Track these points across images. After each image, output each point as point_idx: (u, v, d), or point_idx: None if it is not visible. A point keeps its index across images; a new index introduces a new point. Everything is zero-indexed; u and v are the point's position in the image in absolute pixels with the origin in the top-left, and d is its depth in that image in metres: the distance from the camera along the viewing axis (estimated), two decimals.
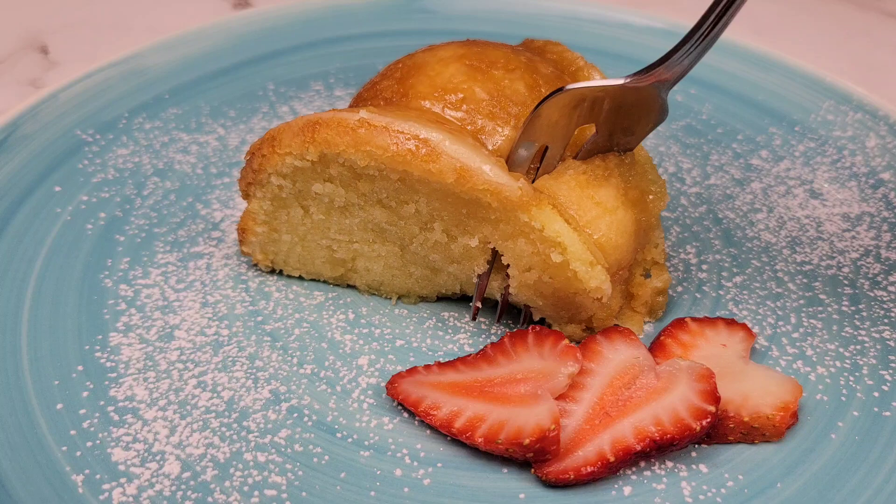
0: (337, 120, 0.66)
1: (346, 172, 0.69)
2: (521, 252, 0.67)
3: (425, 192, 0.67)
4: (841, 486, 0.62)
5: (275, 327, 0.74)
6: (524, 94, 0.72)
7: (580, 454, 0.60)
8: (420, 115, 0.68)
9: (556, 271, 0.66)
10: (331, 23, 1.14)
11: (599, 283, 0.65)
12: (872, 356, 0.73)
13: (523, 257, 0.67)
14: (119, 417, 0.65)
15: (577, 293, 0.67)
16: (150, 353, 0.70)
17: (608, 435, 0.61)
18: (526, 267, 0.68)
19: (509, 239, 0.67)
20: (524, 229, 0.66)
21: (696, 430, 0.60)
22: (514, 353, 0.65)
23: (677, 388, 0.62)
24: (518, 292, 0.70)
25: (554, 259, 0.65)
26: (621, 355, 0.65)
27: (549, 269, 0.67)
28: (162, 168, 0.91)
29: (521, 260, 0.68)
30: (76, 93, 0.95)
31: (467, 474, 0.63)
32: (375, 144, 0.65)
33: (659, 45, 1.12)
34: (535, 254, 0.66)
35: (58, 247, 0.79)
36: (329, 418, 0.66)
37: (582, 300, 0.67)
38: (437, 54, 0.76)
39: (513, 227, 0.66)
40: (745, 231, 0.87)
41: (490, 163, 0.64)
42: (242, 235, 0.76)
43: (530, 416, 0.60)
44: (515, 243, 0.67)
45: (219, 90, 1.02)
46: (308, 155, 0.67)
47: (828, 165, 0.96)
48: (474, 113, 0.70)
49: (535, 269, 0.68)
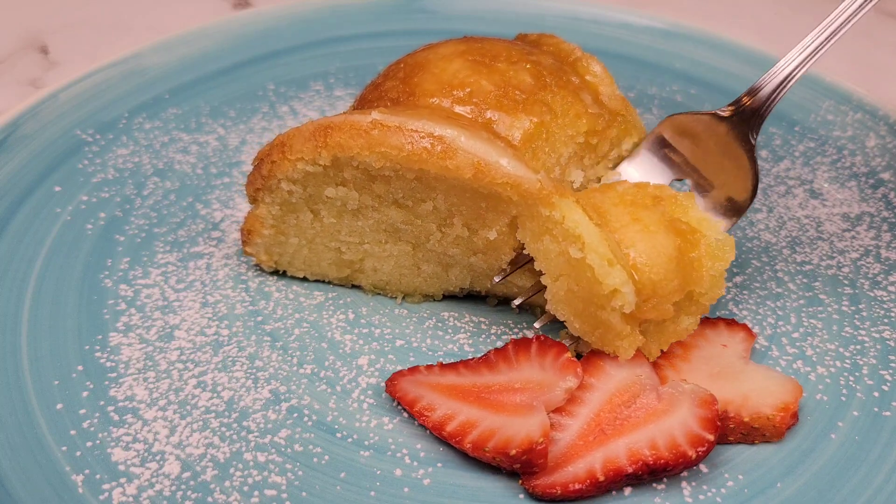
0: (349, 123, 0.65)
1: (361, 175, 0.68)
2: (547, 252, 0.65)
3: (443, 189, 0.67)
4: (841, 486, 0.62)
5: (275, 327, 0.74)
6: (531, 83, 0.71)
7: (570, 470, 0.59)
8: (431, 112, 0.68)
9: (578, 273, 0.63)
10: (331, 23, 1.14)
11: (618, 283, 0.61)
12: (872, 356, 0.73)
13: (550, 258, 0.65)
14: (119, 417, 0.65)
15: (600, 306, 0.63)
16: (150, 353, 0.70)
17: (601, 453, 0.60)
18: (556, 274, 0.65)
19: (537, 240, 0.65)
20: (547, 224, 0.64)
21: (691, 458, 0.59)
22: (515, 361, 0.64)
23: (678, 412, 0.61)
24: (555, 308, 0.67)
25: (573, 255, 0.62)
26: (623, 372, 0.64)
27: (574, 272, 0.64)
28: (162, 168, 0.91)
29: (550, 263, 0.65)
30: (76, 93, 0.95)
31: (467, 474, 0.63)
32: (390, 145, 0.64)
33: (659, 45, 1.13)
34: (561, 254, 0.64)
35: (58, 247, 0.79)
36: (329, 418, 0.66)
37: (607, 318, 0.63)
38: (439, 51, 0.76)
39: (537, 224, 0.65)
40: (745, 231, 0.87)
41: (507, 156, 0.63)
42: (247, 237, 0.76)
43: (521, 427, 0.59)
44: (542, 243, 0.65)
45: (219, 90, 1.02)
46: (320, 160, 0.67)
47: (828, 165, 0.95)
48: (483, 106, 0.69)
49: (563, 275, 0.65)
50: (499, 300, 0.78)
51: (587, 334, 0.67)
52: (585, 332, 0.67)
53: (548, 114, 0.70)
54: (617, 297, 0.62)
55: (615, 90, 0.79)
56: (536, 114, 0.70)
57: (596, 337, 0.66)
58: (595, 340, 0.66)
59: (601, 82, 0.78)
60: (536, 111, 0.70)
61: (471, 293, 0.78)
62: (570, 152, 0.72)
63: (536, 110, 0.70)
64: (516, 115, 0.69)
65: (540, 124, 0.70)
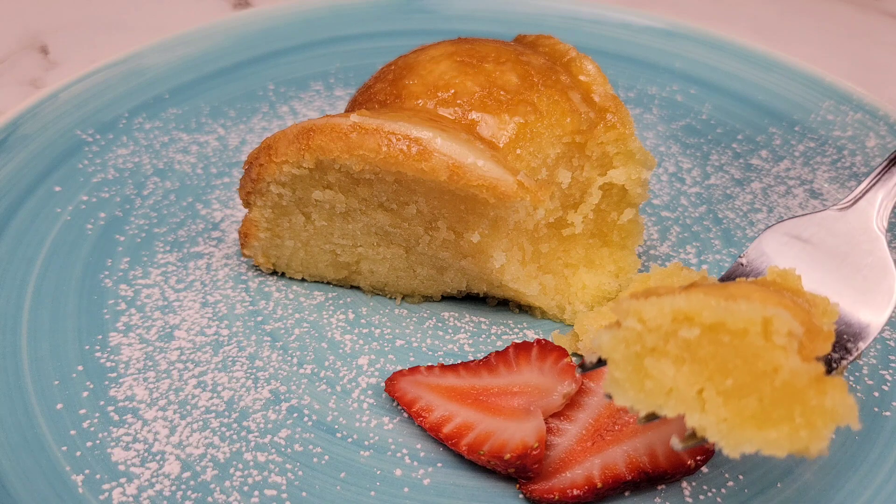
0: (330, 126, 0.66)
1: (345, 178, 0.68)
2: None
3: (422, 191, 0.67)
4: (841, 485, 0.62)
5: (275, 327, 0.74)
6: (516, 83, 0.71)
7: (568, 475, 0.59)
8: (413, 114, 0.68)
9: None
10: (331, 23, 1.14)
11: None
12: (872, 356, 0.73)
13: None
14: (119, 417, 0.64)
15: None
16: (150, 353, 0.70)
17: (599, 459, 0.59)
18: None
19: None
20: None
21: (689, 466, 0.59)
22: (515, 364, 0.64)
23: (677, 419, 0.58)
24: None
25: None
26: None
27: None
28: (162, 168, 0.90)
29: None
30: (76, 93, 0.95)
31: (467, 474, 0.63)
32: (368, 147, 0.64)
33: (659, 45, 1.13)
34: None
35: (58, 247, 0.79)
36: (329, 418, 0.66)
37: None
38: (429, 53, 0.76)
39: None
40: (745, 231, 0.87)
41: (485, 157, 0.63)
42: (244, 240, 0.76)
43: (517, 431, 0.59)
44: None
45: (219, 90, 1.02)
46: (304, 162, 0.67)
47: (828, 165, 0.95)
48: (468, 107, 0.69)
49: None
50: (498, 301, 0.78)
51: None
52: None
53: (533, 114, 0.70)
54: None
55: (609, 90, 0.78)
56: (521, 114, 0.69)
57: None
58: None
59: (594, 82, 0.77)
60: (521, 111, 0.70)
61: (469, 294, 0.78)
62: (556, 153, 0.71)
63: (521, 110, 0.70)
64: (500, 116, 0.69)
65: (524, 125, 0.69)
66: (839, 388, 0.47)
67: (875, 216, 0.57)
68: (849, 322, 0.55)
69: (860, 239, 0.57)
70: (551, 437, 0.61)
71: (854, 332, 0.54)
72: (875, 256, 0.56)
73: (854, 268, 0.56)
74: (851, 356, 0.54)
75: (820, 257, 0.57)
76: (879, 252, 0.56)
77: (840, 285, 0.56)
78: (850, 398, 0.47)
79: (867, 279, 0.54)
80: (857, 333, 0.54)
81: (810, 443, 0.46)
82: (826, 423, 0.46)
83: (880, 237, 0.57)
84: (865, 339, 0.54)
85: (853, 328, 0.54)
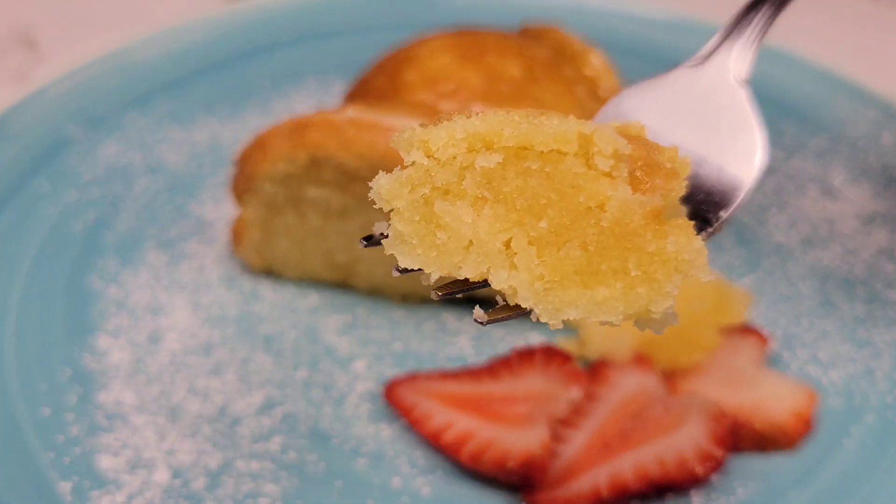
0: (325, 120, 0.64)
1: (341, 176, 0.66)
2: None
3: None
4: (854, 493, 0.61)
5: (268, 330, 0.72)
6: (519, 77, 0.70)
7: (573, 486, 0.57)
8: (412, 108, 0.66)
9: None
10: (326, 16, 1.12)
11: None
12: (887, 360, 0.71)
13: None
14: (108, 423, 0.63)
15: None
16: (140, 356, 0.69)
17: (606, 469, 0.57)
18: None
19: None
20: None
21: (700, 476, 0.57)
22: (518, 369, 0.63)
23: (686, 427, 0.58)
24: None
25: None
26: (630, 382, 0.62)
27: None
28: (153, 165, 0.89)
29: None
30: (65, 88, 0.93)
31: (468, 484, 0.61)
32: (364, 143, 0.62)
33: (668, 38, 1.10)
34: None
35: (45, 246, 0.77)
36: (324, 424, 0.65)
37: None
38: (428, 45, 0.74)
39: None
40: (756, 230, 0.85)
41: None
42: (237, 239, 0.75)
43: (519, 439, 0.58)
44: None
45: (212, 85, 1.00)
46: (298, 159, 0.65)
47: (841, 163, 0.93)
48: (469, 100, 0.68)
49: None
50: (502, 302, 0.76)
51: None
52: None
53: (536, 108, 0.68)
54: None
55: (616, 83, 0.76)
56: (524, 108, 0.68)
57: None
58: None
59: (600, 75, 0.76)
60: (524, 106, 0.68)
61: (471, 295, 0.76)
62: None
63: (524, 105, 0.68)
64: (500, 106, 0.67)
65: None
66: (683, 229, 0.37)
67: (732, 68, 0.51)
68: (710, 187, 0.46)
69: (717, 94, 0.50)
70: (557, 445, 0.59)
71: (716, 201, 0.46)
72: (734, 111, 0.49)
73: (713, 127, 0.49)
74: (715, 224, 0.45)
75: (678, 118, 0.50)
76: (738, 106, 0.50)
77: (700, 147, 0.48)
78: (698, 240, 0.37)
79: (728, 136, 0.48)
80: (721, 200, 0.46)
81: (651, 302, 0.36)
82: (669, 275, 0.36)
83: (739, 90, 0.50)
84: (730, 203, 0.46)
85: (714, 196, 0.46)
